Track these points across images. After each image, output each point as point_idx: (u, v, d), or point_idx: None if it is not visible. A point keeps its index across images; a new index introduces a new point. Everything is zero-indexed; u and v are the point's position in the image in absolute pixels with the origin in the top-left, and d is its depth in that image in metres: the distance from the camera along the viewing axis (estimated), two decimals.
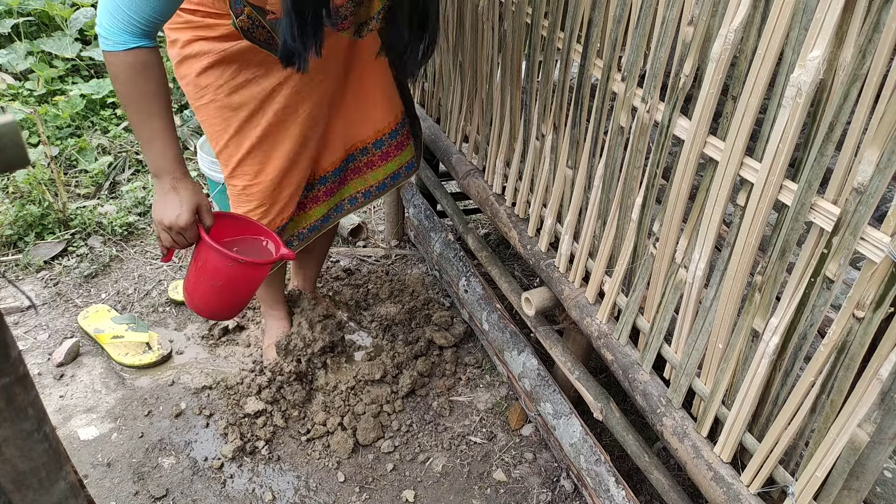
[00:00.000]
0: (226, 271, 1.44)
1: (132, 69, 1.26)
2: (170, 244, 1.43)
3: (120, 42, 1.23)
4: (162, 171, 1.35)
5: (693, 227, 1.11)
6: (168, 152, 1.34)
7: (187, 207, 1.36)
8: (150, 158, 1.36)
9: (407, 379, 1.87)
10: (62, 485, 0.62)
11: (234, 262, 1.42)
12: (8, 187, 2.49)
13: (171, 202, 1.36)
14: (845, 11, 0.79)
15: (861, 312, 0.85)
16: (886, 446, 0.85)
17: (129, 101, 1.30)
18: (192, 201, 1.37)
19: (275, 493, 1.62)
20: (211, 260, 1.43)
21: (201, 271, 1.46)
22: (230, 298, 1.52)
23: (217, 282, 1.46)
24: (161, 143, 1.33)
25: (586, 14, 1.25)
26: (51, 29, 3.44)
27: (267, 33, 1.41)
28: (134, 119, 1.32)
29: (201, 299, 1.51)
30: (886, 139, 0.77)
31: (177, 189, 1.36)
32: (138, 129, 1.33)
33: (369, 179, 1.78)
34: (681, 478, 1.52)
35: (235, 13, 1.37)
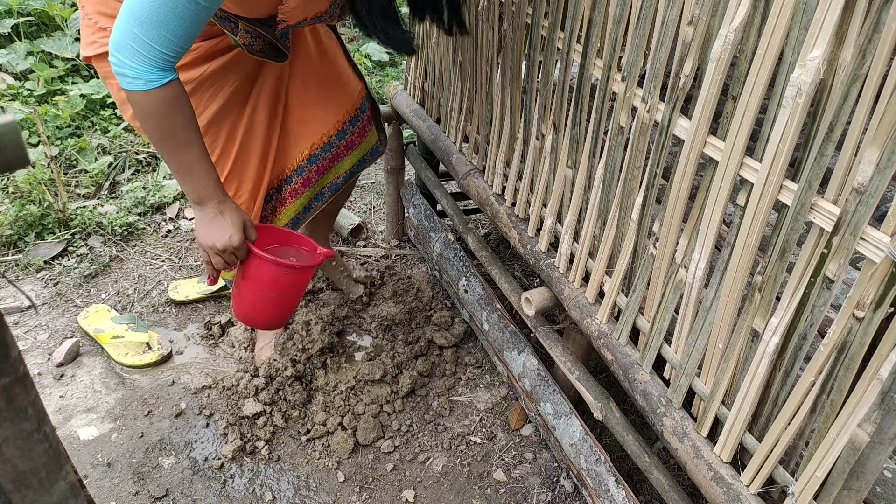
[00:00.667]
0: (283, 280, 1.47)
1: (166, 104, 1.21)
2: (221, 266, 1.41)
3: (153, 80, 1.17)
4: (205, 198, 1.33)
5: (693, 227, 1.11)
6: (209, 177, 1.32)
7: (237, 228, 1.36)
8: (191, 188, 1.32)
9: (407, 379, 1.87)
10: (62, 485, 0.62)
11: (290, 269, 1.45)
12: (8, 187, 2.49)
13: (221, 226, 1.35)
14: (845, 11, 0.79)
15: (861, 312, 0.85)
16: (886, 446, 0.85)
17: (164, 135, 1.25)
18: (239, 220, 1.37)
19: (275, 493, 1.62)
20: (267, 272, 1.46)
21: (255, 284, 1.48)
22: (286, 305, 1.56)
23: (275, 292, 1.50)
24: (201, 170, 1.30)
25: (586, 14, 1.25)
26: (51, 29, 3.44)
27: (264, 43, 1.43)
28: (171, 153, 1.28)
29: (258, 312, 1.54)
30: (886, 139, 0.77)
31: (223, 212, 1.35)
32: (176, 161, 1.29)
33: (338, 170, 1.81)
34: (681, 478, 1.52)
35: (230, 31, 1.37)
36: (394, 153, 2.37)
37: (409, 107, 2.22)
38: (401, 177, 2.42)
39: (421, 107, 2.20)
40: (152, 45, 1.13)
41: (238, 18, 1.36)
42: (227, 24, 1.36)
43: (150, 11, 1.10)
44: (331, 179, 1.82)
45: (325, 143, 1.72)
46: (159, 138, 1.26)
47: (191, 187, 1.32)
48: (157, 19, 1.10)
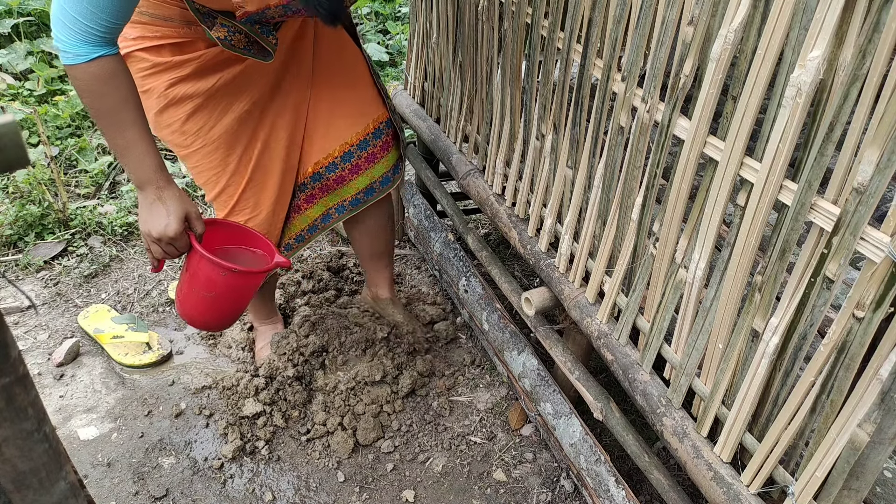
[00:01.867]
0: (220, 281, 1.39)
1: (98, 80, 1.19)
2: (160, 255, 1.37)
3: (81, 54, 1.16)
4: (144, 182, 1.29)
5: (693, 227, 1.11)
6: (147, 161, 1.27)
7: (175, 216, 1.31)
8: (129, 170, 1.29)
9: (407, 379, 1.87)
10: (62, 485, 0.62)
11: (228, 271, 1.36)
12: (8, 187, 2.49)
13: (158, 212, 1.30)
14: (845, 11, 0.79)
15: (861, 312, 0.85)
16: (886, 446, 0.85)
17: (99, 113, 1.23)
18: (179, 209, 1.32)
19: (275, 493, 1.62)
20: (203, 270, 1.38)
21: (193, 281, 1.42)
22: (224, 309, 1.48)
23: (210, 292, 1.41)
24: (138, 152, 1.26)
25: (586, 14, 1.25)
26: (51, 29, 3.44)
27: (244, 38, 1.37)
28: (107, 132, 1.25)
29: (194, 310, 1.47)
30: (886, 139, 0.77)
31: (162, 199, 1.30)
32: (112, 141, 1.26)
33: (359, 184, 1.73)
34: (681, 478, 1.52)
35: (207, 26, 1.32)
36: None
37: (409, 107, 2.22)
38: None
39: (421, 107, 2.20)
40: (77, 18, 1.13)
41: (215, 12, 1.32)
42: (206, 19, 1.32)
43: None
44: (351, 193, 1.73)
45: (345, 153, 1.66)
46: (94, 116, 1.24)
47: (129, 169, 1.29)
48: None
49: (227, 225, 1.53)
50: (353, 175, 1.69)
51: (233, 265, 1.36)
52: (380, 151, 1.70)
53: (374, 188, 1.74)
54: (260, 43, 1.39)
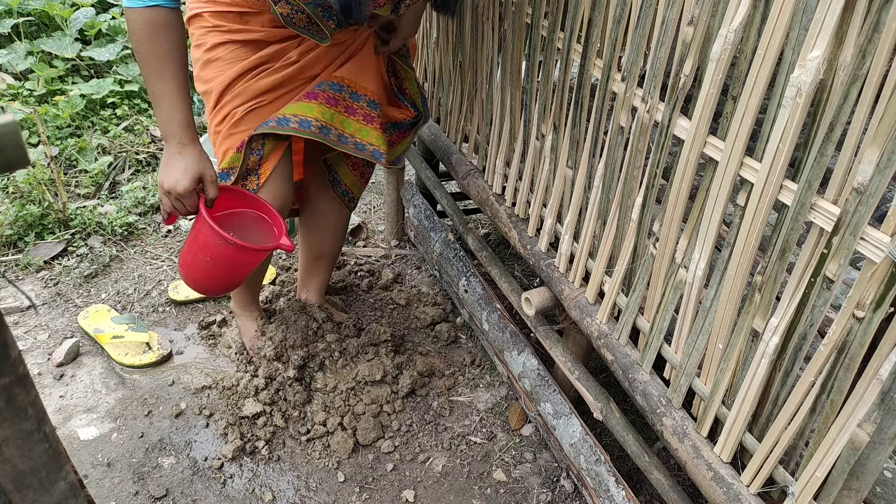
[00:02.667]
0: (216, 249, 1.40)
1: (150, 27, 1.25)
2: (170, 209, 1.41)
3: None
4: (170, 134, 1.34)
5: (693, 227, 1.11)
6: (176, 115, 1.33)
7: (190, 175, 1.34)
8: (159, 119, 1.34)
9: (407, 379, 1.87)
10: (62, 485, 0.62)
11: (225, 241, 1.37)
12: (8, 187, 2.49)
13: (175, 166, 1.34)
14: (845, 11, 0.79)
15: (861, 312, 0.85)
16: (886, 446, 0.85)
17: (144, 59, 1.29)
18: (195, 168, 1.35)
19: (275, 493, 1.62)
20: (203, 233, 1.40)
21: (193, 243, 1.44)
22: (220, 277, 1.48)
23: (205, 257, 1.42)
24: (171, 104, 1.32)
25: (586, 14, 1.25)
26: (51, 29, 3.44)
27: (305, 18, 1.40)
28: (148, 78, 1.31)
29: (191, 269, 1.48)
30: (886, 139, 0.77)
31: (182, 154, 1.34)
32: (151, 88, 1.32)
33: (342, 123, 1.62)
34: (681, 478, 1.52)
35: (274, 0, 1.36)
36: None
37: None
38: (401, 177, 2.42)
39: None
40: None
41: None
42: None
43: None
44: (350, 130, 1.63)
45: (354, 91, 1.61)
46: (140, 60, 1.30)
47: (160, 118, 1.34)
48: None
49: (246, 195, 1.52)
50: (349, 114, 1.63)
51: (230, 237, 1.36)
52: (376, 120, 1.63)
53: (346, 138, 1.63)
54: (319, 25, 1.42)
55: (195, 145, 1.36)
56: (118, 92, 3.11)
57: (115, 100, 3.09)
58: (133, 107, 3.11)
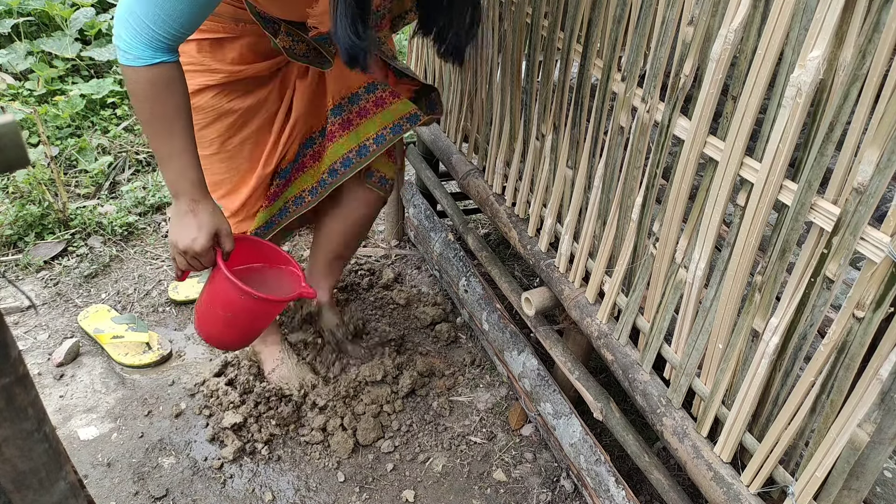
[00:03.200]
0: (239, 303, 1.36)
1: (154, 86, 1.18)
2: (185, 267, 1.36)
3: (142, 57, 1.15)
4: (180, 192, 1.28)
5: (693, 227, 1.11)
6: (187, 173, 1.26)
7: (206, 232, 1.29)
8: (168, 178, 1.28)
9: (407, 379, 1.87)
10: (62, 485, 0.62)
11: (248, 295, 1.34)
12: (8, 187, 2.49)
13: (188, 225, 1.29)
14: (845, 11, 0.79)
15: (861, 312, 0.85)
16: (886, 446, 0.85)
17: (149, 118, 1.22)
18: (211, 225, 1.30)
19: (275, 493, 1.62)
20: (224, 289, 1.36)
21: (213, 299, 1.40)
22: (240, 331, 1.46)
23: (228, 313, 1.39)
24: (180, 162, 1.25)
25: (586, 14, 1.25)
26: (51, 29, 3.44)
27: (307, 47, 1.39)
28: (153, 137, 1.25)
29: (211, 327, 1.45)
30: (886, 139, 0.77)
31: (195, 211, 1.29)
32: (157, 147, 1.25)
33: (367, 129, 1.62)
34: (681, 478, 1.52)
35: (271, 33, 1.34)
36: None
37: None
38: (401, 177, 2.42)
39: None
40: (146, 22, 1.11)
41: (279, 21, 1.33)
42: (269, 25, 1.34)
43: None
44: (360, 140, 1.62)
45: (351, 94, 1.59)
46: (143, 120, 1.23)
47: (168, 177, 1.28)
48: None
49: (259, 243, 1.50)
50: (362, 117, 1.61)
51: (253, 291, 1.33)
52: (390, 97, 1.61)
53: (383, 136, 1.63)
54: (321, 51, 1.40)
55: (208, 200, 1.30)
56: (118, 92, 3.11)
57: (115, 100, 3.09)
58: (133, 107, 3.11)
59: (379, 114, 1.59)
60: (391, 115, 1.59)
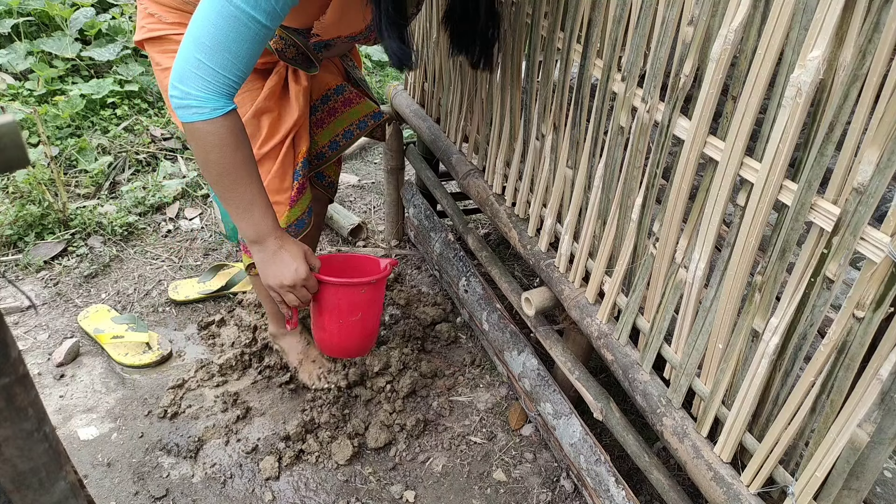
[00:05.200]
0: (361, 300, 1.46)
1: (232, 134, 1.15)
2: (296, 303, 1.37)
3: (218, 108, 1.12)
4: (266, 235, 1.28)
5: (693, 227, 1.11)
6: (269, 214, 1.27)
7: (301, 259, 1.32)
8: (251, 225, 1.26)
9: (408, 379, 1.87)
10: (62, 485, 0.62)
11: (366, 286, 1.43)
12: (8, 187, 2.49)
13: (285, 260, 1.30)
14: (845, 11, 0.79)
15: (861, 312, 0.85)
16: (886, 446, 0.85)
17: (226, 170, 1.19)
18: (300, 252, 1.33)
19: (274, 493, 1.62)
20: (344, 298, 1.44)
21: (337, 314, 1.46)
22: (371, 324, 1.55)
23: (356, 315, 1.47)
24: (262, 205, 1.25)
25: (586, 14, 1.25)
26: (51, 29, 3.44)
27: (297, 51, 1.43)
28: (232, 188, 1.22)
29: (349, 341, 1.52)
30: (886, 139, 0.77)
31: (284, 247, 1.31)
32: (238, 197, 1.23)
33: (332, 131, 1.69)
34: (681, 478, 1.52)
35: None
36: (394, 153, 2.37)
37: (409, 107, 2.22)
38: (401, 177, 2.42)
39: (421, 107, 2.20)
40: (216, 69, 1.09)
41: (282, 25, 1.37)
42: None
43: (213, 35, 1.06)
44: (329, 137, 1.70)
45: (323, 95, 1.66)
46: (220, 173, 1.19)
47: (250, 224, 1.26)
48: (221, 42, 1.07)
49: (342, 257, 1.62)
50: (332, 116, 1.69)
51: (367, 279, 1.43)
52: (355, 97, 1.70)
53: (351, 131, 1.71)
54: (308, 55, 1.45)
55: (286, 233, 1.33)
56: (118, 92, 3.11)
57: (115, 100, 3.09)
58: (133, 107, 3.11)
59: (347, 112, 1.68)
60: (357, 113, 1.69)
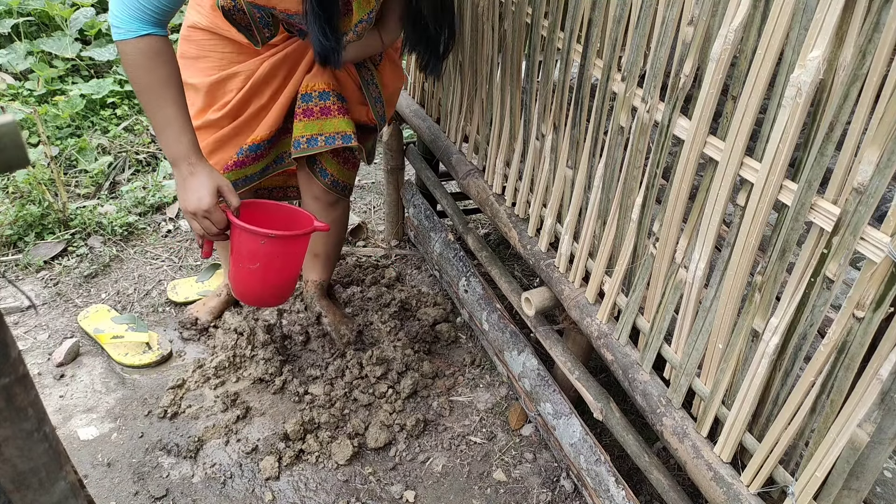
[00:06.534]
0: (261, 251, 1.42)
1: (144, 56, 1.28)
2: (201, 232, 1.43)
3: (131, 30, 1.25)
4: (178, 158, 1.36)
5: (693, 227, 1.11)
6: (183, 138, 1.35)
7: (207, 190, 1.37)
8: (165, 146, 1.37)
9: (409, 380, 1.87)
10: (62, 485, 0.62)
11: (266, 238, 1.40)
12: (8, 187, 2.49)
13: (192, 187, 1.37)
14: (845, 11, 0.79)
15: (861, 312, 0.85)
16: (886, 446, 0.85)
17: (141, 88, 1.32)
18: (210, 182, 1.37)
19: (274, 493, 1.62)
20: (244, 242, 1.42)
21: (238, 257, 1.45)
22: (272, 280, 1.51)
23: (254, 264, 1.44)
24: (175, 129, 1.34)
25: (586, 14, 1.25)
26: (51, 29, 3.44)
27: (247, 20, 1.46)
28: (148, 107, 1.34)
29: (245, 285, 1.50)
30: (886, 139, 0.77)
31: (194, 174, 1.37)
32: (152, 116, 1.34)
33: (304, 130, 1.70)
34: (681, 478, 1.52)
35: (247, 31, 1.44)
36: (394, 153, 2.37)
37: (409, 107, 2.22)
38: (401, 177, 2.42)
39: (421, 107, 2.20)
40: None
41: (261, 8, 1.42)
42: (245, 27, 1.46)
43: None
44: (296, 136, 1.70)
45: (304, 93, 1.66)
46: (138, 90, 1.32)
47: (165, 144, 1.36)
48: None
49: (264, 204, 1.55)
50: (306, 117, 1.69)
51: (268, 231, 1.39)
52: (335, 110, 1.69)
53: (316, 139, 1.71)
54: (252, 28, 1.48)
55: (204, 161, 1.39)
56: (118, 92, 3.11)
57: (115, 100, 3.09)
58: (133, 107, 3.11)
59: (322, 120, 1.67)
60: (331, 126, 1.67)
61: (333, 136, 1.67)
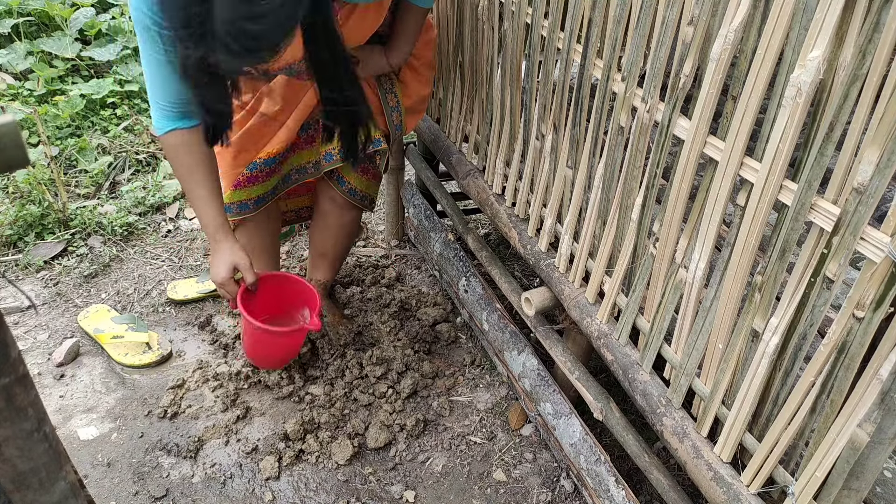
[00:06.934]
0: (255, 334, 1.58)
1: (172, 148, 1.44)
2: (225, 296, 1.58)
3: (160, 127, 1.41)
4: (208, 233, 1.52)
5: (693, 227, 1.11)
6: (209, 216, 1.50)
7: (224, 265, 1.52)
8: (198, 220, 1.54)
9: (409, 380, 1.87)
10: (62, 485, 0.62)
11: (258, 329, 1.55)
12: (8, 187, 2.49)
13: (213, 261, 1.53)
14: (845, 11, 0.79)
15: (861, 312, 0.85)
16: (886, 446, 0.85)
17: (175, 172, 1.49)
18: (228, 259, 1.52)
19: (274, 493, 1.62)
20: (246, 325, 1.58)
21: (244, 332, 1.64)
22: (268, 355, 1.70)
23: (250, 339, 1.63)
24: (203, 207, 1.49)
25: (586, 14, 1.25)
26: (51, 29, 3.44)
27: None
28: (182, 187, 1.52)
29: (253, 354, 1.70)
30: (886, 139, 0.77)
31: (217, 250, 1.52)
32: (186, 194, 1.54)
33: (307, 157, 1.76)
34: (681, 478, 1.52)
35: None
36: (394, 153, 2.37)
37: None
38: (401, 177, 2.42)
39: None
40: (153, 98, 1.39)
41: None
42: None
43: (146, 72, 1.36)
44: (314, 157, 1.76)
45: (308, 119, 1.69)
46: (174, 173, 1.54)
47: (198, 219, 1.54)
48: (148, 76, 1.36)
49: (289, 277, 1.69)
50: None
51: (261, 324, 1.53)
52: None
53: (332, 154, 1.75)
54: None
55: (228, 239, 1.52)
56: (118, 92, 3.11)
57: (115, 100, 3.09)
58: (133, 107, 3.11)
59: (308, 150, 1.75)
60: None
61: (330, 152, 1.72)
